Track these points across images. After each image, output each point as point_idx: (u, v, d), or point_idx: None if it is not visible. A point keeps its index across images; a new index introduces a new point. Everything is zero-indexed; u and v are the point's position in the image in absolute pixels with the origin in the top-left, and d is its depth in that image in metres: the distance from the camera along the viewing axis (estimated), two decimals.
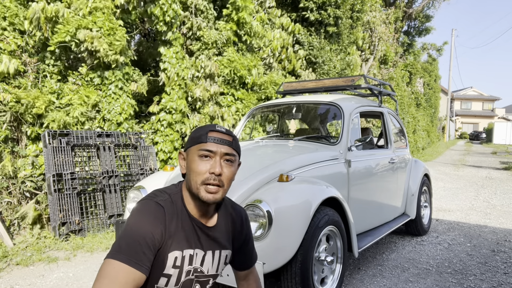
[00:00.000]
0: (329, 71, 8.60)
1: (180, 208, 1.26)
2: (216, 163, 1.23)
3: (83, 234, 4.29)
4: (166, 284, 1.22)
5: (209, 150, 1.23)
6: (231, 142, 1.27)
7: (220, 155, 1.24)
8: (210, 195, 1.23)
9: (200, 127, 1.31)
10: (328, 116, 4.36)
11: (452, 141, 36.22)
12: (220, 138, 1.25)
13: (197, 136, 1.26)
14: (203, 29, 6.24)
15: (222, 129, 1.28)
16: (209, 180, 1.22)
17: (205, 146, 1.23)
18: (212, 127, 1.28)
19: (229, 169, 1.26)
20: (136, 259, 1.11)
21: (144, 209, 1.20)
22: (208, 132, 1.25)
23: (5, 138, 4.42)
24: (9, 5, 4.79)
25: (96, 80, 5.00)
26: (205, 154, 1.23)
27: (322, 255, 2.51)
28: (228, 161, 1.26)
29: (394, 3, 16.92)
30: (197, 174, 1.22)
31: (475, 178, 9.91)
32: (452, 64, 33.67)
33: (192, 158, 1.25)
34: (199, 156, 1.23)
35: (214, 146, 1.23)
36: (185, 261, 1.24)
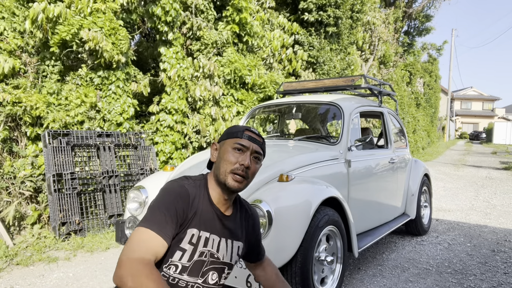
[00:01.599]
0: (329, 71, 8.60)
1: (203, 194, 1.40)
2: (247, 157, 1.39)
3: (83, 234, 4.29)
4: (180, 258, 1.33)
5: (243, 145, 1.40)
6: (262, 143, 1.46)
7: (251, 151, 1.41)
8: (236, 183, 1.37)
9: (236, 126, 1.49)
10: (328, 116, 4.36)
11: (452, 141, 36.22)
12: (254, 137, 1.43)
13: (234, 132, 1.43)
14: (203, 29, 6.24)
15: (255, 130, 1.47)
16: (238, 170, 1.37)
17: (241, 141, 1.40)
18: (247, 127, 1.46)
19: (255, 165, 1.43)
20: (159, 227, 1.25)
21: (170, 188, 1.36)
22: (245, 130, 1.43)
23: (4, 138, 4.42)
24: (8, 4, 4.79)
25: (96, 80, 5.00)
26: (239, 147, 1.39)
27: (322, 255, 2.51)
28: (256, 158, 1.44)
29: (394, 3, 16.92)
30: (228, 162, 1.38)
31: (475, 178, 9.91)
32: (452, 64, 33.68)
33: (226, 149, 1.41)
34: (233, 148, 1.40)
35: (248, 142, 1.41)
36: (200, 241, 1.36)
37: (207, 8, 6.38)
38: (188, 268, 1.34)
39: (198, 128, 5.96)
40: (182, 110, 5.72)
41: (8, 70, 4.47)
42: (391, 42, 14.78)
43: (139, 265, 1.15)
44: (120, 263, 1.17)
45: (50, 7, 4.52)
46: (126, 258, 1.17)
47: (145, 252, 1.20)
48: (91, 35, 4.61)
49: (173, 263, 1.33)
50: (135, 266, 1.15)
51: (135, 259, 1.17)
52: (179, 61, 5.69)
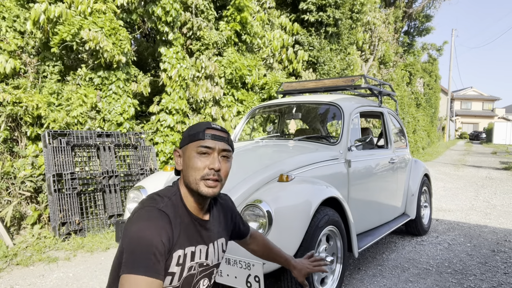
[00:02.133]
0: (329, 71, 8.61)
1: (181, 209, 1.29)
2: (215, 159, 1.27)
3: (83, 234, 4.29)
4: (170, 282, 1.24)
5: (207, 146, 1.27)
6: (227, 138, 1.32)
7: (218, 151, 1.28)
8: (210, 189, 1.27)
9: (195, 125, 1.34)
10: (328, 116, 4.36)
11: (452, 141, 36.22)
12: (217, 135, 1.29)
13: (194, 134, 1.29)
14: (203, 29, 6.24)
15: (217, 126, 1.32)
16: (209, 175, 1.26)
17: (204, 143, 1.27)
18: (207, 124, 1.31)
19: (226, 164, 1.31)
20: (153, 269, 1.12)
21: (149, 217, 1.19)
22: (205, 129, 1.29)
23: (4, 138, 4.42)
24: (9, 5, 4.79)
25: (97, 80, 5.00)
26: (204, 150, 1.26)
27: (322, 255, 2.51)
28: (225, 157, 1.31)
29: (394, 3, 16.92)
30: (196, 170, 1.26)
31: (475, 178, 9.91)
32: (452, 64, 33.69)
33: (190, 155, 1.28)
34: (197, 153, 1.27)
35: (212, 142, 1.27)
36: (187, 258, 1.28)
37: (207, 8, 6.38)
38: (179, 287, 1.28)
39: None
40: (182, 110, 5.72)
41: (10, 71, 4.48)
42: (391, 42, 14.79)
43: None
44: None
45: (51, 8, 4.52)
46: None
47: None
48: (91, 35, 4.61)
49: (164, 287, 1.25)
50: None
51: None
52: (180, 61, 5.69)
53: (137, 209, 1.24)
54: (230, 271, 2.16)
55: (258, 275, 2.07)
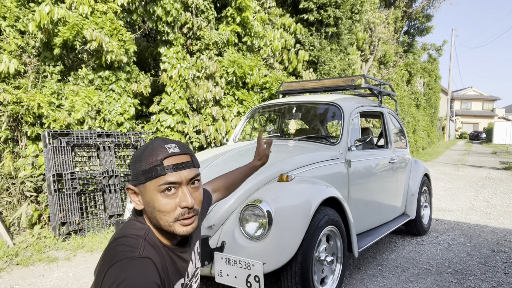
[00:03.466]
0: (330, 71, 8.61)
1: (159, 246, 1.07)
2: (185, 195, 1.04)
3: (83, 234, 4.29)
4: None
5: (172, 182, 1.02)
6: (191, 162, 1.08)
7: (186, 183, 1.05)
8: (188, 227, 1.06)
9: (146, 153, 1.05)
10: (328, 116, 4.36)
11: (452, 141, 36.22)
12: (179, 163, 1.04)
13: (149, 169, 1.02)
14: (204, 29, 6.24)
15: (176, 149, 1.06)
16: (183, 215, 1.04)
17: (166, 179, 1.02)
18: (163, 151, 1.04)
19: (198, 192, 1.09)
20: None
21: (134, 274, 0.93)
22: (163, 160, 1.03)
23: (5, 138, 4.42)
24: (9, 5, 4.79)
25: (98, 81, 5.00)
26: (168, 187, 1.03)
27: (322, 255, 2.51)
28: (194, 183, 1.09)
29: (394, 3, 16.93)
30: (166, 213, 1.03)
31: (475, 178, 9.91)
32: (452, 64, 33.70)
33: (152, 196, 1.03)
34: (161, 192, 1.02)
35: (176, 175, 1.03)
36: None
37: (207, 8, 6.38)
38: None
39: (198, 128, 5.96)
40: (182, 110, 5.72)
41: (14, 71, 4.48)
42: (391, 42, 14.79)
43: None
44: None
45: (54, 9, 4.52)
46: None
47: None
48: (95, 36, 4.61)
49: None
50: None
51: None
52: (180, 61, 5.69)
53: (112, 261, 0.96)
54: (230, 271, 2.16)
55: (258, 275, 2.07)
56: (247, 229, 2.27)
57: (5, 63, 4.43)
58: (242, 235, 2.27)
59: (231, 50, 6.47)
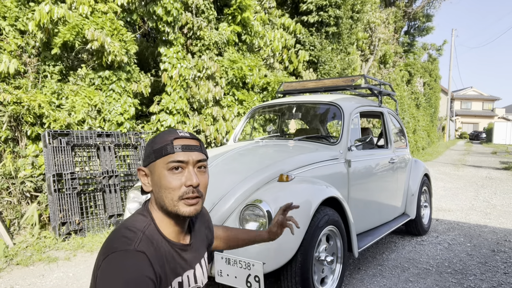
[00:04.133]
0: (330, 71, 8.61)
1: (159, 240, 1.10)
2: (191, 174, 1.09)
3: (83, 234, 4.29)
4: None
5: (180, 160, 1.08)
6: (199, 147, 1.15)
7: (193, 164, 1.11)
8: (192, 207, 1.10)
9: (158, 136, 1.14)
10: (328, 116, 4.36)
11: (452, 141, 36.22)
12: (188, 144, 1.11)
13: (160, 148, 1.10)
14: (204, 29, 6.24)
15: (186, 134, 1.14)
16: (188, 193, 1.09)
17: (174, 157, 1.08)
18: (174, 133, 1.12)
19: (204, 176, 1.14)
20: None
21: (127, 266, 0.97)
22: (173, 140, 1.10)
23: (5, 138, 4.42)
24: (9, 5, 4.79)
25: (98, 81, 5.00)
26: (176, 165, 1.08)
27: (322, 255, 2.51)
28: (201, 168, 1.14)
29: (394, 3, 16.92)
30: (171, 190, 1.08)
31: (475, 178, 9.91)
32: (452, 64, 33.69)
33: (160, 173, 1.09)
34: (169, 170, 1.08)
35: (184, 155, 1.09)
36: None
37: (208, 8, 6.38)
38: None
39: (198, 128, 5.96)
40: (183, 110, 5.72)
41: (14, 71, 4.48)
42: (391, 42, 14.79)
43: None
44: None
45: (54, 9, 4.52)
46: None
47: None
48: (96, 36, 4.61)
49: None
50: None
51: None
52: (180, 61, 5.69)
53: (109, 251, 1.01)
54: (230, 271, 2.15)
55: (258, 275, 2.07)
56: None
57: (5, 63, 4.43)
58: None
59: (231, 50, 6.47)
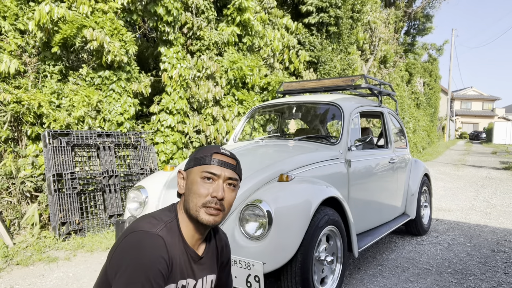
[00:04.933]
0: (330, 71, 8.61)
1: (177, 237, 1.20)
2: (219, 187, 1.20)
3: (83, 234, 4.29)
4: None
5: (213, 173, 1.20)
6: (235, 166, 1.25)
7: (224, 179, 1.21)
8: (211, 217, 1.19)
9: (203, 148, 1.27)
10: (328, 116, 4.36)
11: (452, 141, 36.21)
12: (224, 161, 1.22)
13: (200, 157, 1.22)
14: (204, 29, 6.24)
15: (226, 152, 1.25)
16: (211, 203, 1.19)
17: (209, 169, 1.20)
18: (216, 149, 1.24)
19: (231, 193, 1.24)
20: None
21: (146, 244, 1.09)
22: (213, 154, 1.22)
23: (5, 138, 4.42)
24: (9, 5, 4.79)
25: (98, 80, 5.00)
26: (208, 176, 1.20)
27: (322, 255, 2.51)
28: (231, 185, 1.24)
29: (394, 3, 16.92)
30: (198, 196, 1.19)
31: (475, 178, 9.91)
32: (452, 64, 33.70)
33: (194, 179, 1.21)
34: (201, 178, 1.20)
35: (218, 169, 1.21)
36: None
37: (208, 8, 6.38)
38: None
39: (198, 128, 5.96)
40: (183, 110, 5.72)
41: (14, 71, 4.48)
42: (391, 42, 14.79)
43: None
44: None
45: (54, 8, 4.52)
46: None
47: None
48: (95, 35, 4.61)
49: None
50: None
51: None
52: (180, 61, 5.69)
53: (131, 231, 1.13)
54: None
55: (258, 275, 2.07)
56: (247, 229, 2.27)
57: (5, 63, 4.43)
58: (242, 235, 2.27)
59: (231, 50, 6.47)
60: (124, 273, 1.03)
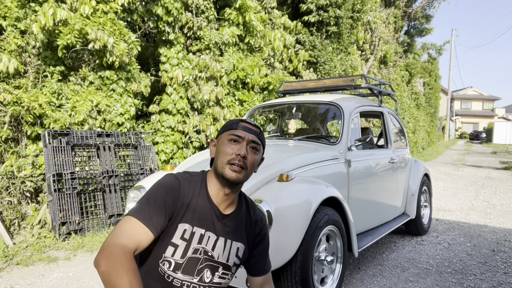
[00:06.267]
0: (330, 71, 8.61)
1: (200, 188, 1.38)
2: (243, 147, 1.36)
3: (83, 234, 4.29)
4: (172, 254, 1.31)
5: (238, 135, 1.37)
6: (258, 133, 1.41)
7: (247, 141, 1.37)
8: (234, 173, 1.34)
9: (232, 119, 1.50)
10: (328, 116, 4.36)
11: (452, 141, 36.21)
12: (249, 127, 1.39)
13: (229, 124, 1.42)
14: (204, 29, 6.23)
15: (251, 122, 1.43)
16: (235, 160, 1.34)
17: (235, 132, 1.38)
18: (243, 119, 1.44)
19: (253, 155, 1.39)
20: (146, 217, 1.25)
21: (162, 179, 1.37)
22: (240, 121, 1.41)
23: (5, 138, 4.42)
24: (10, 5, 4.79)
25: (98, 81, 4.99)
26: (234, 138, 1.37)
27: (322, 255, 2.51)
28: (254, 149, 1.39)
29: (394, 3, 16.91)
30: (224, 154, 1.35)
31: (475, 178, 9.91)
32: (452, 64, 33.67)
33: (222, 141, 1.39)
34: (228, 140, 1.37)
35: (243, 132, 1.38)
36: (194, 237, 1.34)
37: (208, 8, 6.38)
38: (182, 266, 1.32)
39: (198, 128, 5.96)
40: (184, 110, 5.72)
41: (14, 71, 4.48)
42: (391, 42, 14.78)
43: (116, 251, 1.14)
44: (102, 247, 1.17)
45: (57, 11, 4.51)
46: (107, 243, 1.17)
47: (127, 240, 1.19)
48: (99, 36, 4.61)
49: (166, 259, 1.31)
50: (112, 251, 1.14)
51: (115, 244, 1.16)
52: (181, 61, 5.69)
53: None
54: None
55: None
56: None
57: (4, 63, 4.43)
58: None
59: (231, 50, 6.46)
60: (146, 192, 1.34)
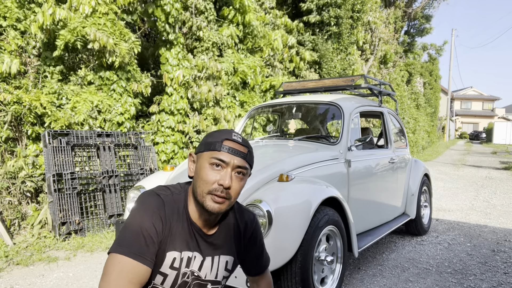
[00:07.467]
0: (330, 71, 8.61)
1: (182, 209, 1.22)
2: (227, 175, 1.16)
3: (83, 234, 4.29)
4: (162, 282, 1.19)
5: (221, 160, 1.16)
6: (246, 154, 1.20)
7: (232, 167, 1.18)
8: (216, 205, 1.17)
9: (216, 132, 1.23)
10: (328, 116, 4.36)
11: (452, 141, 36.20)
12: (235, 149, 1.18)
13: (211, 142, 1.19)
14: (203, 30, 6.24)
15: (238, 138, 1.21)
16: (216, 191, 1.16)
17: (218, 155, 1.16)
18: (228, 134, 1.20)
19: (238, 182, 1.20)
20: (139, 252, 1.09)
21: (145, 201, 1.18)
22: (224, 140, 1.18)
23: (6, 138, 4.42)
24: (10, 5, 4.79)
25: (98, 81, 5.00)
26: (217, 163, 1.17)
27: (322, 255, 2.51)
28: (240, 174, 1.20)
29: (394, 3, 16.91)
30: (205, 182, 1.17)
31: (475, 178, 9.91)
32: (452, 64, 33.67)
33: (202, 164, 1.19)
34: (210, 164, 1.17)
35: (227, 156, 1.17)
36: (182, 263, 1.21)
37: (207, 8, 6.38)
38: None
39: (198, 128, 5.96)
40: (184, 110, 5.72)
41: (16, 70, 4.48)
42: (391, 42, 14.78)
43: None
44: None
45: (56, 11, 4.51)
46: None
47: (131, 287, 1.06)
48: (98, 36, 4.61)
49: (155, 286, 1.20)
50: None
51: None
52: (181, 61, 5.69)
53: (140, 194, 1.28)
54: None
55: None
56: None
57: (7, 63, 4.43)
58: None
59: (231, 50, 6.46)
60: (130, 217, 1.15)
